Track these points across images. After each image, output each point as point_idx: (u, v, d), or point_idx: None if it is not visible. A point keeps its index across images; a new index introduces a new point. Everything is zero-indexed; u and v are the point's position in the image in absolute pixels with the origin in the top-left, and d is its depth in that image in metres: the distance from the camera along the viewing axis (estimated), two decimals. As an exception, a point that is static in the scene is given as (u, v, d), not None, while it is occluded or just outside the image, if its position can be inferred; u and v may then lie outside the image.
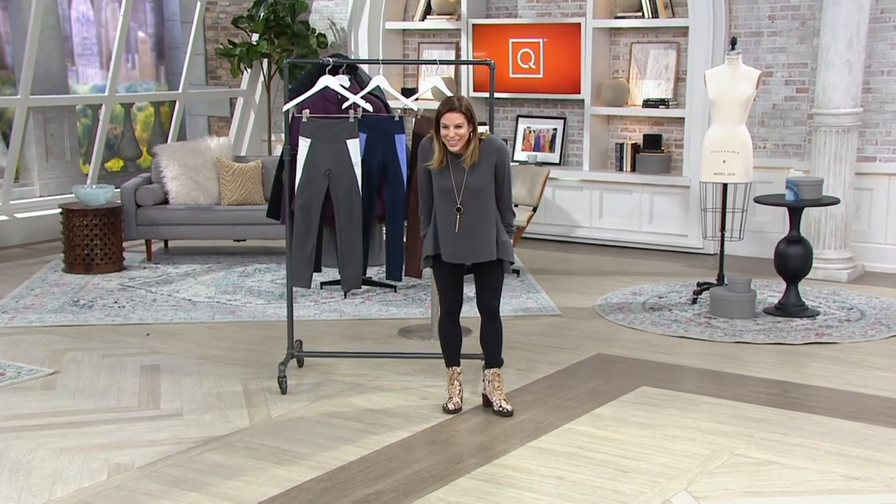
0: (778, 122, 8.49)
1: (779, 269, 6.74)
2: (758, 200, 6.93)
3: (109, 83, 9.65)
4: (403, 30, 10.13)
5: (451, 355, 4.85)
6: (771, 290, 7.20)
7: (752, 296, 6.60)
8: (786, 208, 6.84)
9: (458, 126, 4.49)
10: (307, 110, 5.33)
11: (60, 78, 10.54)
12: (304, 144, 5.28)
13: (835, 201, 6.93)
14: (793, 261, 6.65)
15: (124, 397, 5.10)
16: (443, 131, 4.53)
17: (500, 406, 4.77)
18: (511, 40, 9.40)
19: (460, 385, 4.88)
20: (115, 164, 11.89)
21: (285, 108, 5.28)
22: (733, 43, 6.97)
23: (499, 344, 4.82)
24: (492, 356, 4.82)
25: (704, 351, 5.90)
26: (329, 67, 5.48)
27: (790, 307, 6.62)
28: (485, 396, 4.88)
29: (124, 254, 8.17)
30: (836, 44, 7.55)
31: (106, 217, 7.95)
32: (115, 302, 7.03)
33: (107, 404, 5.00)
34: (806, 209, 7.05)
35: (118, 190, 8.46)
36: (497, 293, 4.74)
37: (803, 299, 6.73)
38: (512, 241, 4.78)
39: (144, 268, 8.14)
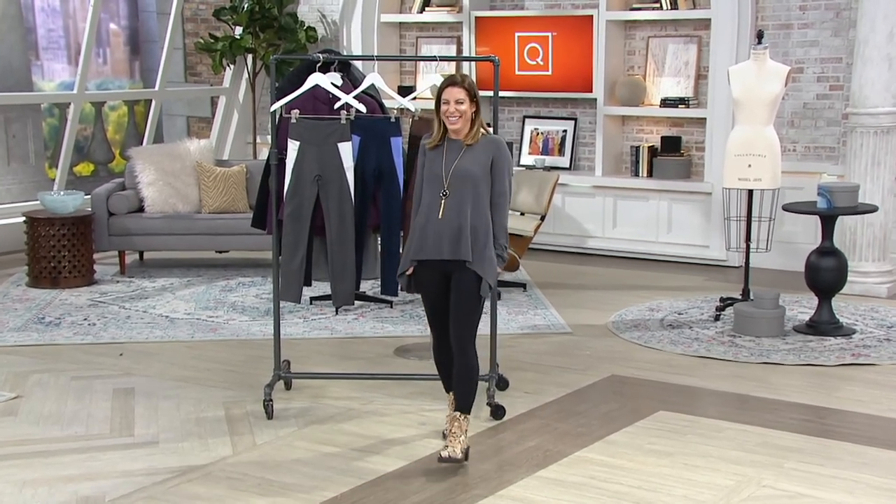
0: (809, 122, 8.51)
1: (810, 283, 6.74)
2: (787, 208, 6.95)
3: (78, 80, 9.68)
4: (400, 23, 10.17)
5: (449, 380, 4.82)
6: (801, 307, 7.21)
7: (781, 312, 6.61)
8: (818, 217, 6.85)
9: (458, 102, 4.50)
10: (296, 110, 5.35)
11: (23, 74, 10.59)
12: (292, 147, 5.30)
13: (872, 209, 6.93)
14: (826, 274, 6.66)
15: (95, 424, 5.10)
16: (442, 107, 4.54)
17: (449, 454, 4.41)
18: (517, 34, 9.43)
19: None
20: (84, 169, 11.92)
21: (273, 108, 5.30)
22: (760, 36, 7.00)
23: (470, 387, 4.57)
24: (458, 399, 4.58)
25: (728, 372, 5.91)
26: (319, 64, 5.50)
27: (823, 325, 6.63)
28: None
29: (95, 266, 8.18)
30: (874, 36, 7.57)
31: (75, 226, 7.96)
32: (85, 319, 7.04)
33: (75, 432, 5.00)
34: (840, 218, 7.06)
35: (88, 197, 8.48)
36: (469, 321, 4.55)
37: (837, 316, 6.73)
38: (502, 267, 4.64)
39: (117, 282, 8.15)
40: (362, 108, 5.47)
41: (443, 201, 4.52)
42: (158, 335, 6.66)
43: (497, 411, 5.13)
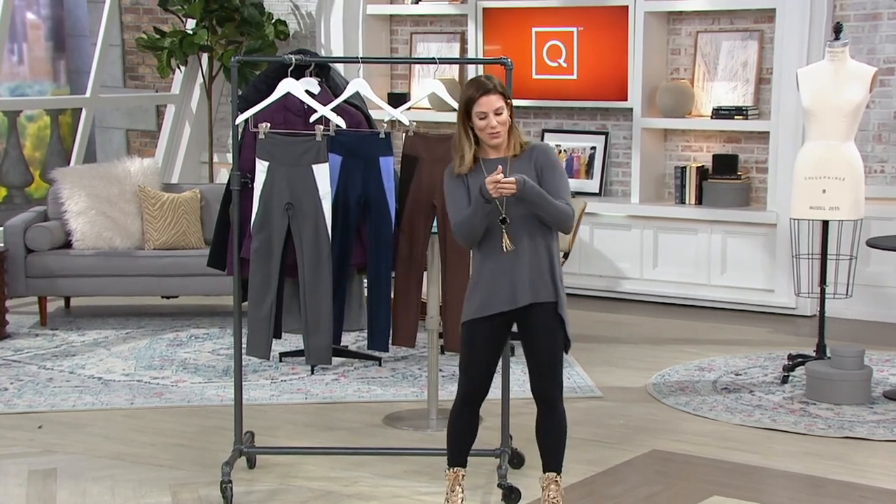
0: (899, 137, 8.57)
1: (901, 336, 6.78)
2: (872, 244, 6.99)
3: (-9, 85, 9.75)
4: (391, 16, 10.25)
5: (459, 453, 4.88)
6: (893, 367, 7.25)
7: (867, 374, 6.64)
8: (910, 255, 6.90)
9: (498, 112, 4.61)
10: (266, 123, 5.42)
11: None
12: (261, 168, 5.37)
13: (979, 245, 6.97)
14: (920, 326, 6.69)
15: (9, 512, 5.14)
16: (479, 123, 4.62)
17: None
18: (535, 30, 9.51)
19: (463, 492, 4.89)
20: (-5, 194, 11.98)
21: (238, 120, 5.38)
22: (838, 30, 7.03)
23: (561, 443, 4.87)
24: (550, 458, 4.87)
25: (800, 449, 5.93)
26: (292, 67, 5.58)
27: (918, 389, 6.67)
28: None
29: (7, 316, 8.19)
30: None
31: (-15, 266, 8.02)
32: (-2, 381, 7.08)
33: (-16, 522, 5.04)
34: (938, 256, 7.10)
35: (0, 229, 8.53)
36: (558, 371, 4.78)
37: (935, 378, 6.78)
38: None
39: (36, 335, 8.18)
40: (341, 123, 5.54)
41: (505, 231, 4.63)
42: (88, 402, 6.69)
43: (510, 494, 5.14)
